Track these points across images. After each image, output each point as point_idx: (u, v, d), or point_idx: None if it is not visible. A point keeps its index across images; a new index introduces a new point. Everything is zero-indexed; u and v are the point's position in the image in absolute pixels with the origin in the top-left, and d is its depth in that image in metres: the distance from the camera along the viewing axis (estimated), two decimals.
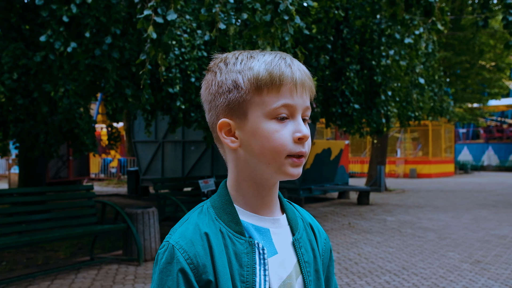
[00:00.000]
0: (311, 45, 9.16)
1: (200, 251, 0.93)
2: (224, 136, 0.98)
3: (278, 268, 0.99)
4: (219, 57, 1.01)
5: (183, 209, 6.97)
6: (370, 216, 10.63)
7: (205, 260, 0.93)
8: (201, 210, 1.01)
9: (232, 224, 0.97)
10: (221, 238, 0.95)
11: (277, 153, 0.94)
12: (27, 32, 7.62)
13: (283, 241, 1.02)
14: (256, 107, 0.95)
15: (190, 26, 7.90)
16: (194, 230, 0.96)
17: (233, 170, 1.02)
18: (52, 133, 8.53)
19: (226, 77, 0.97)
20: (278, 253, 1.00)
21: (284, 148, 0.94)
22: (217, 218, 0.98)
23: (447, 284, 5.35)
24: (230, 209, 0.99)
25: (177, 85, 7.60)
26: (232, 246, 0.95)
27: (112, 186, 18.65)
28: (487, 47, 19.81)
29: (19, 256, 6.73)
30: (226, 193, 1.01)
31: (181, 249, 0.93)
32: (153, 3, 4.66)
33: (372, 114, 10.16)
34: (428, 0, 6.35)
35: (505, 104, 32.32)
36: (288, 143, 0.95)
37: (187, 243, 0.94)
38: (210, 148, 12.38)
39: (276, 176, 0.98)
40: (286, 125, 0.95)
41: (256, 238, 0.98)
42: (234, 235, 0.96)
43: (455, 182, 21.70)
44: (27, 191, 6.51)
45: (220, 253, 0.94)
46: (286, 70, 0.95)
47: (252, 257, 0.95)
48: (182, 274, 0.92)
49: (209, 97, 1.00)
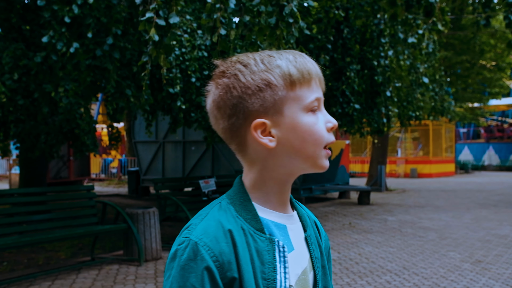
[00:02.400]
0: (312, 45, 9.16)
1: (225, 248, 0.92)
2: (260, 136, 0.97)
3: (295, 264, 1.00)
4: (229, 61, 1.00)
5: (184, 209, 6.97)
6: (370, 216, 10.63)
7: (230, 257, 0.92)
8: (220, 206, 1.00)
9: (252, 221, 0.97)
10: (243, 235, 0.95)
11: (318, 145, 0.97)
12: (28, 33, 7.63)
13: (298, 237, 1.03)
14: (291, 103, 0.96)
15: (191, 26, 7.91)
16: (217, 227, 0.95)
17: (261, 170, 1.00)
18: (53, 134, 8.53)
19: (253, 77, 0.96)
20: (294, 249, 1.01)
21: (323, 140, 0.97)
22: (238, 215, 0.97)
23: (448, 284, 5.35)
24: (249, 207, 0.99)
25: (178, 85, 7.60)
26: (253, 243, 0.95)
27: (113, 186, 18.66)
28: (488, 46, 19.80)
29: (20, 257, 6.74)
30: (244, 190, 1.01)
31: (206, 246, 0.92)
32: (155, 6, 4.67)
33: (373, 114, 10.16)
34: (428, 1, 6.34)
35: (505, 104, 32.30)
36: (325, 134, 0.98)
37: (211, 240, 0.93)
38: (210, 148, 12.38)
39: (311, 169, 1.00)
40: (318, 117, 0.98)
41: (276, 234, 0.99)
42: (255, 232, 0.96)
43: (456, 182, 21.69)
44: (27, 192, 6.51)
45: (244, 250, 0.94)
46: (310, 65, 0.99)
47: (273, 254, 0.96)
48: (208, 271, 0.91)
49: (232, 100, 0.97)
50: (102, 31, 5.75)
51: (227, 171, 12.43)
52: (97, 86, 7.58)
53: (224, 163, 12.71)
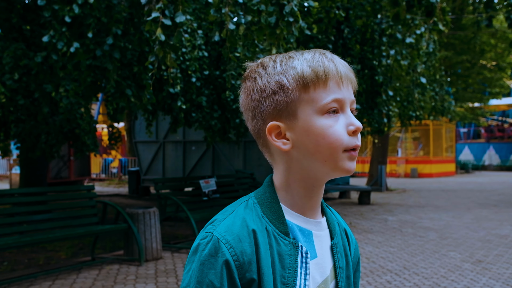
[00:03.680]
0: (312, 45, 9.16)
1: (247, 248, 0.91)
2: (274, 139, 0.96)
3: (315, 272, 0.98)
4: (254, 63, 1.01)
5: (184, 209, 6.97)
6: (371, 216, 10.62)
7: (251, 258, 0.91)
8: (246, 204, 0.98)
9: (277, 223, 0.95)
10: (266, 237, 0.94)
11: (334, 149, 0.93)
12: (28, 33, 7.63)
13: (323, 245, 1.01)
14: (305, 105, 0.94)
15: (191, 26, 7.91)
16: (242, 226, 0.93)
17: (284, 172, 0.99)
18: (53, 134, 8.53)
19: (269, 80, 0.96)
20: (317, 256, 0.99)
21: (341, 143, 0.93)
22: (263, 216, 0.96)
23: (448, 284, 5.35)
24: (276, 208, 0.97)
25: (178, 85, 7.60)
26: (276, 246, 0.94)
27: (113, 186, 18.66)
28: (488, 46, 19.78)
29: (21, 256, 6.74)
30: (272, 190, 0.99)
31: (228, 244, 0.91)
32: (161, 5, 4.66)
33: (373, 113, 10.16)
34: (429, 1, 6.34)
35: (506, 104, 32.30)
36: (344, 137, 0.94)
37: (234, 238, 0.92)
38: (211, 148, 12.39)
39: (332, 173, 0.96)
40: (338, 119, 0.95)
41: (300, 239, 0.97)
42: (279, 234, 0.95)
43: (456, 181, 21.68)
44: (28, 192, 6.51)
45: (265, 252, 0.92)
46: (329, 64, 0.95)
47: (295, 259, 0.94)
48: (227, 270, 0.90)
49: (252, 104, 0.98)
50: (103, 31, 5.75)
51: (227, 171, 12.43)
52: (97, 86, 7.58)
53: (224, 163, 12.71)
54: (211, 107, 8.84)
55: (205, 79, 8.65)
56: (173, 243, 7.49)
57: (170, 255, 6.83)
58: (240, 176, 10.20)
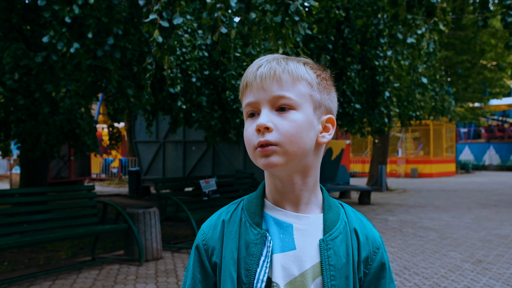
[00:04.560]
0: (312, 45, 9.16)
1: (215, 235, 1.05)
2: None
3: (290, 264, 0.99)
4: None
5: (184, 209, 6.97)
6: (371, 216, 10.62)
7: (216, 244, 1.05)
8: (240, 200, 1.10)
9: (253, 215, 1.04)
10: (238, 226, 1.04)
11: (248, 148, 1.02)
12: (28, 33, 7.63)
13: (307, 239, 1.02)
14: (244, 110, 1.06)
15: (191, 26, 7.91)
16: (217, 217, 1.09)
17: None
18: (54, 134, 8.53)
19: None
20: (296, 249, 1.01)
21: (250, 143, 1.01)
22: (244, 208, 1.07)
23: (449, 284, 5.35)
24: (257, 202, 1.06)
25: (178, 85, 7.60)
26: (245, 235, 1.02)
27: (113, 186, 18.66)
28: (488, 46, 19.77)
29: (21, 256, 6.74)
30: (261, 187, 1.09)
31: (202, 231, 1.09)
32: (158, 7, 4.67)
33: (374, 113, 10.16)
34: (430, 1, 6.34)
35: (506, 104, 32.30)
36: (252, 137, 1.00)
37: (208, 226, 1.09)
38: (211, 148, 12.39)
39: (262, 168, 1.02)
40: (254, 121, 1.01)
41: (274, 231, 1.03)
42: (251, 225, 1.03)
43: (456, 181, 21.68)
44: (28, 192, 6.51)
45: (232, 240, 1.02)
46: (252, 72, 1.03)
47: (260, 248, 1.00)
48: (197, 251, 1.07)
49: None
50: (103, 31, 5.75)
51: (227, 171, 12.42)
52: (97, 86, 7.58)
53: (224, 163, 12.71)
54: (211, 107, 8.84)
55: (205, 79, 8.65)
56: (174, 243, 7.49)
57: (171, 255, 6.83)
58: (240, 176, 10.20)
